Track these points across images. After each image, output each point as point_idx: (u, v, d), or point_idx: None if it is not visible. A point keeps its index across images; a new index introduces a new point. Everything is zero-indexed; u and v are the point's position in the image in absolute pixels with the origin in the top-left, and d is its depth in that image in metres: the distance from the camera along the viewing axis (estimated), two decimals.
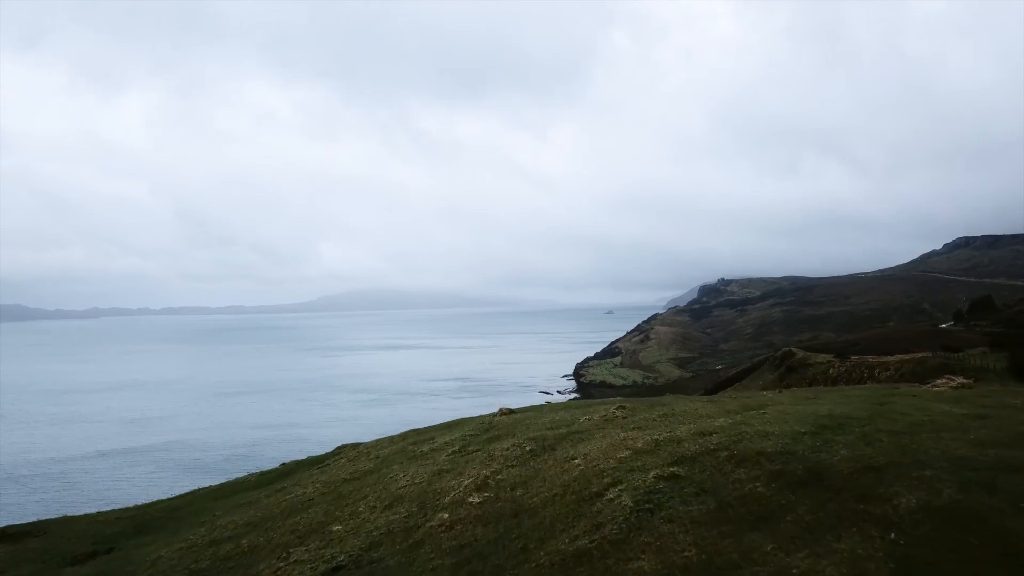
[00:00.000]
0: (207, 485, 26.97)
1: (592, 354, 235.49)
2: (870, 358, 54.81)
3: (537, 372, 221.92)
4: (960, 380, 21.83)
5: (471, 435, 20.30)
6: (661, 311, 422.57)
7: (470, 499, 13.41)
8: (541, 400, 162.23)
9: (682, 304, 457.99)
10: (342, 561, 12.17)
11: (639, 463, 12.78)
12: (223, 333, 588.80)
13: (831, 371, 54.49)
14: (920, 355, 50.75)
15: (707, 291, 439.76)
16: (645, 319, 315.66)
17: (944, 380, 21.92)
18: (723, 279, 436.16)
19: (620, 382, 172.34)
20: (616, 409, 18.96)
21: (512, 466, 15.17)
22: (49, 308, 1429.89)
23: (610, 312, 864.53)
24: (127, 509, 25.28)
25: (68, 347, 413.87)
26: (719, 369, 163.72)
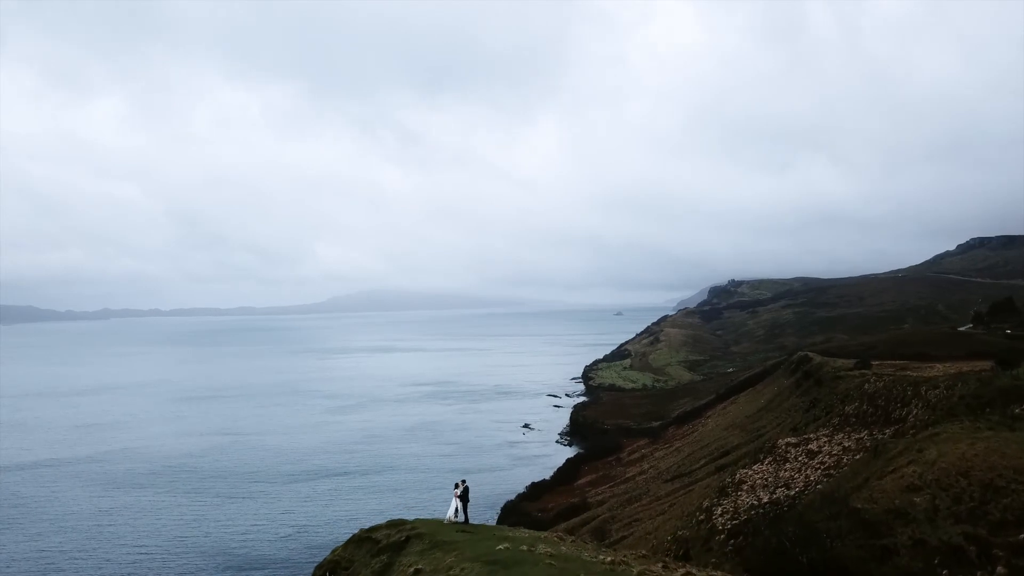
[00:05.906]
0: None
1: (601, 356, 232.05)
2: (910, 372, 48.63)
3: (542, 375, 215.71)
4: None
5: None
6: (671, 312, 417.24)
7: None
8: (549, 405, 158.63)
9: (692, 305, 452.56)
10: None
11: None
12: (226, 335, 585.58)
13: (867, 386, 48.34)
14: (969, 369, 45.56)
15: (717, 292, 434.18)
16: (655, 320, 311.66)
17: None
18: (733, 280, 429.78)
19: (630, 385, 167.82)
20: None
21: None
22: (60, 309, 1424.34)
23: (619, 313, 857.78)
24: None
25: (65, 349, 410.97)
26: (731, 372, 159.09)
